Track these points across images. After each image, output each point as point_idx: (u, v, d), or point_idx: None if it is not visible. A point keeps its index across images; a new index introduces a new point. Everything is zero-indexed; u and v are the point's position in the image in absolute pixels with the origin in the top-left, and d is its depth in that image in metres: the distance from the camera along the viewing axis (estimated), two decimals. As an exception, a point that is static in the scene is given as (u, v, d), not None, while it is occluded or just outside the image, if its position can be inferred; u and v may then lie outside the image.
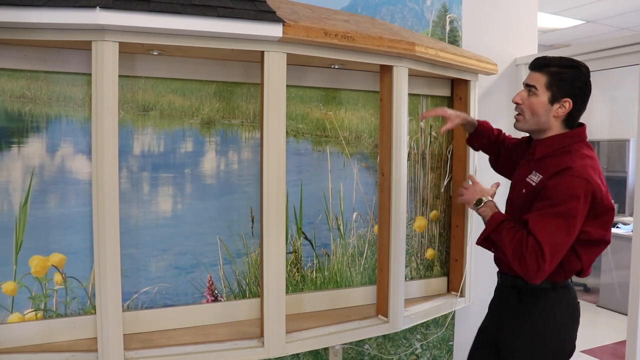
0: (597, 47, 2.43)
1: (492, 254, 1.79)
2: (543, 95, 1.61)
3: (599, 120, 6.21)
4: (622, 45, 2.29)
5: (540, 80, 1.61)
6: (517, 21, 2.82)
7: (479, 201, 1.70)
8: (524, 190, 1.64)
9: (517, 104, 1.67)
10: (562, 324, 1.65)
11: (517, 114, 1.69)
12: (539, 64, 1.64)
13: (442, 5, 2.52)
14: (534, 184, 1.60)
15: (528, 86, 1.65)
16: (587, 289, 5.26)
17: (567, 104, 1.61)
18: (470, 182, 1.84)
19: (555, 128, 1.65)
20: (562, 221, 1.49)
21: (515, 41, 2.82)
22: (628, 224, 4.72)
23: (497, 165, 2.04)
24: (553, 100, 1.61)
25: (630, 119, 5.14)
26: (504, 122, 2.79)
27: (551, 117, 1.63)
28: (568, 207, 1.49)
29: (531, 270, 1.49)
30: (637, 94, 2.22)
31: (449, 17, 2.55)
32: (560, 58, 1.63)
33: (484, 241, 1.68)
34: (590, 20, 5.19)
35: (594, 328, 4.36)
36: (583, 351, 3.74)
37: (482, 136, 2.02)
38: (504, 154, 1.98)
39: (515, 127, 1.72)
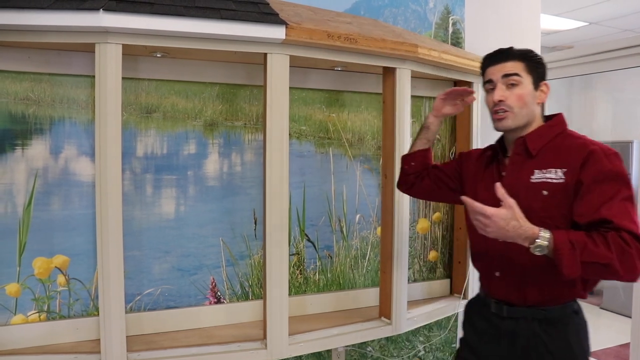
0: (600, 49, 2.43)
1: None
2: (527, 82, 1.47)
3: (602, 122, 6.20)
4: (625, 47, 2.29)
5: (518, 66, 1.47)
6: (520, 23, 2.81)
7: (530, 235, 1.30)
8: (545, 192, 1.41)
9: (499, 101, 1.47)
10: (588, 351, 1.48)
11: (501, 113, 1.48)
12: (505, 54, 1.51)
13: (444, 7, 2.51)
14: (559, 180, 1.39)
15: (507, 76, 1.47)
16: (590, 292, 5.24)
17: (545, 87, 1.50)
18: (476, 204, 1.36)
19: (538, 118, 1.51)
20: (631, 203, 1.33)
21: (518, 43, 2.77)
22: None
23: (434, 191, 1.80)
24: (535, 86, 1.48)
25: (633, 121, 5.14)
26: (507, 124, 2.79)
27: (535, 106, 1.49)
28: (626, 188, 1.33)
29: (639, 266, 1.26)
30: (640, 96, 2.22)
31: (452, 19, 2.54)
32: (513, 47, 1.53)
33: (576, 269, 1.28)
34: (593, 22, 5.18)
35: (598, 330, 4.35)
36: (587, 354, 3.72)
37: (427, 159, 1.81)
38: (443, 172, 1.77)
39: (502, 126, 1.50)
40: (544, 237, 1.28)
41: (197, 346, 1.74)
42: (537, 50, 2.85)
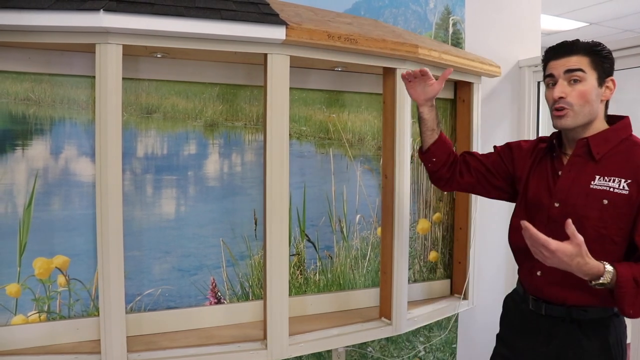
0: (601, 49, 2.42)
1: (494, 259, 1.59)
2: (591, 78, 1.38)
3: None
4: (626, 48, 2.28)
5: (582, 61, 1.38)
6: (521, 23, 2.81)
7: (593, 273, 1.26)
8: (605, 202, 1.35)
9: (560, 98, 1.40)
10: (625, 351, 1.45)
11: (561, 110, 1.40)
12: (569, 47, 1.41)
13: (445, 7, 2.51)
14: (623, 192, 1.34)
15: (570, 71, 1.39)
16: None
17: (612, 83, 1.42)
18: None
19: (601, 116, 1.43)
20: None
21: (519, 43, 2.82)
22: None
23: (476, 188, 1.73)
24: (600, 82, 1.39)
25: (634, 121, 5.13)
26: (508, 125, 2.80)
27: (598, 104, 1.41)
28: None
29: None
30: (640, 96, 2.22)
31: (452, 20, 2.54)
32: (581, 40, 1.43)
33: (636, 309, 1.27)
34: (594, 22, 5.18)
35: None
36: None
37: (446, 145, 1.71)
38: (485, 167, 1.69)
39: (561, 124, 1.42)
40: (607, 274, 1.24)
41: (197, 346, 1.74)
42: (538, 51, 2.86)
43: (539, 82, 2.77)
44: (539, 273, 1.47)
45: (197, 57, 1.86)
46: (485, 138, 2.49)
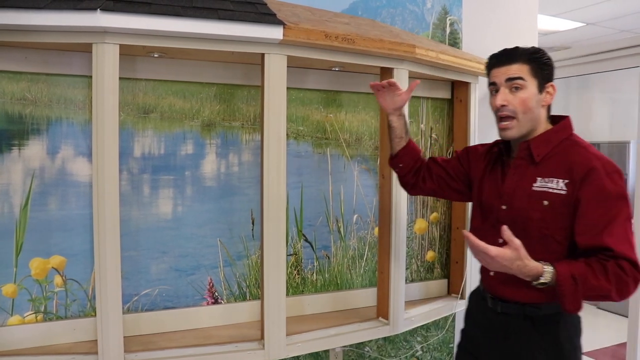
0: (597, 49, 2.43)
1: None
2: (531, 86, 1.43)
3: (599, 122, 6.21)
4: (622, 48, 2.29)
5: (523, 69, 1.44)
6: (517, 23, 2.82)
7: (534, 274, 1.32)
8: (545, 203, 1.40)
9: (502, 106, 1.45)
10: (580, 348, 1.51)
11: (505, 120, 1.45)
12: (510, 56, 1.47)
13: (442, 7, 2.52)
14: (561, 192, 1.39)
15: (511, 80, 1.44)
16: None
17: (552, 88, 1.47)
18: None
19: (543, 120, 1.48)
20: (629, 224, 1.36)
21: (516, 43, 2.77)
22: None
23: (437, 193, 1.79)
24: (540, 89, 1.45)
25: (630, 122, 5.14)
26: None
27: (540, 110, 1.46)
28: (626, 208, 1.35)
29: (633, 291, 1.31)
30: (637, 96, 2.22)
31: (449, 20, 2.55)
32: (521, 47, 1.50)
33: (578, 305, 1.33)
34: (591, 22, 5.20)
35: (595, 330, 4.36)
36: (584, 353, 3.72)
37: (413, 152, 1.76)
38: (445, 172, 1.74)
39: (506, 136, 1.48)
40: (547, 274, 1.30)
41: (194, 347, 1.74)
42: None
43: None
44: (492, 273, 1.52)
45: (195, 57, 1.86)
46: (482, 138, 2.48)
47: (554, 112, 1.55)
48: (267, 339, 1.73)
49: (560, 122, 1.50)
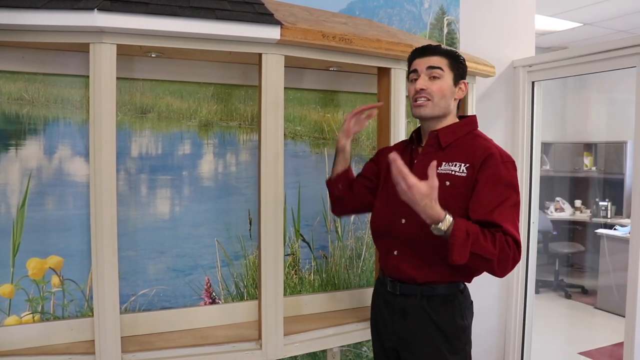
0: (595, 49, 2.43)
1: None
2: (448, 77, 1.60)
3: (597, 122, 6.23)
4: (620, 48, 2.29)
5: (442, 61, 1.60)
6: (515, 23, 2.82)
7: (435, 218, 1.40)
8: (447, 183, 1.53)
9: (421, 89, 1.59)
10: (470, 326, 1.64)
11: (422, 100, 1.59)
12: (432, 49, 1.62)
13: (439, 7, 2.52)
14: (461, 174, 1.53)
15: (431, 68, 1.59)
16: (584, 291, 5.26)
17: (464, 85, 1.65)
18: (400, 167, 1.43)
19: (453, 113, 1.65)
20: (517, 210, 1.52)
21: (513, 43, 2.83)
22: (625, 226, 4.73)
23: (360, 200, 1.83)
24: (455, 83, 1.62)
25: (627, 121, 5.16)
26: (502, 124, 2.81)
27: (452, 101, 1.63)
28: (516, 195, 1.52)
29: (510, 269, 1.46)
30: (634, 96, 2.23)
31: (447, 20, 2.55)
32: (442, 46, 1.66)
33: (464, 257, 1.41)
34: (588, 22, 5.20)
35: (592, 330, 4.37)
36: (581, 353, 3.74)
37: (350, 175, 1.86)
38: (362, 176, 1.84)
39: (420, 113, 1.61)
40: (446, 222, 1.40)
41: (192, 347, 1.74)
42: (532, 51, 2.87)
43: (533, 82, 2.78)
44: (395, 252, 1.63)
45: (192, 57, 1.86)
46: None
47: (552, 112, 1.58)
48: (265, 339, 1.73)
49: (467, 118, 1.68)
